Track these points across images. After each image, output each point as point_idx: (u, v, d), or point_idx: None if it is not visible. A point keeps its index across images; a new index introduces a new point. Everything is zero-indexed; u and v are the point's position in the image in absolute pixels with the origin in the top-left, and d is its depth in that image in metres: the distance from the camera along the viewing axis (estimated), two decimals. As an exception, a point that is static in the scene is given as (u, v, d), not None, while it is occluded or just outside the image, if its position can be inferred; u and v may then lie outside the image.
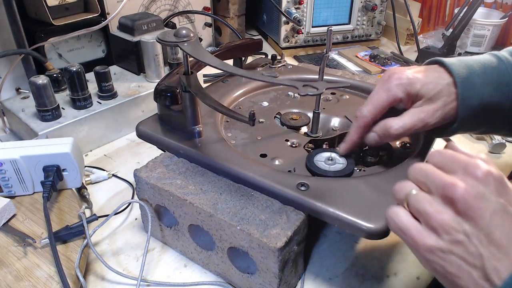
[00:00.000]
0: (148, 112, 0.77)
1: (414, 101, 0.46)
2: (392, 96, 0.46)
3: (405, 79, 0.46)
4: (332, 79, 0.71)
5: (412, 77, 0.46)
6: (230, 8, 1.13)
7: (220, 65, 0.46)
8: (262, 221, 0.43)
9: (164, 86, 0.55)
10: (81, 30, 0.80)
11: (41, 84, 0.65)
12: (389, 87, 0.46)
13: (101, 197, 0.63)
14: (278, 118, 0.62)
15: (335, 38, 1.15)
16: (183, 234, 0.50)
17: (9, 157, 0.54)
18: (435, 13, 1.23)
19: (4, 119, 0.76)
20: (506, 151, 0.73)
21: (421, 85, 0.45)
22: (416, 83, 0.45)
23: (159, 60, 0.80)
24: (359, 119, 0.48)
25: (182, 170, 0.51)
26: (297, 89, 0.42)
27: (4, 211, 0.52)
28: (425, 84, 0.45)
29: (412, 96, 0.46)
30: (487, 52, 0.48)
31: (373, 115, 0.47)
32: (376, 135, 0.48)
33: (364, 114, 0.48)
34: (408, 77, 0.46)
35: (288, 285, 0.46)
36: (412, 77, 0.46)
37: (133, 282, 0.48)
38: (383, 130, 0.47)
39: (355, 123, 0.49)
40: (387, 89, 0.46)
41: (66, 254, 0.49)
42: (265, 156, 0.53)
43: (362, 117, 0.48)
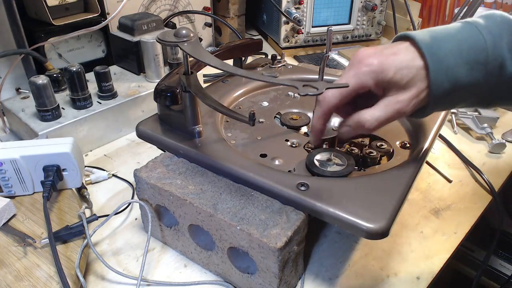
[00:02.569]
0: (148, 112, 0.77)
1: (385, 88, 0.44)
2: (361, 84, 0.43)
3: (376, 65, 0.43)
4: (332, 79, 0.71)
5: (384, 63, 0.42)
6: (230, 8, 1.13)
7: (220, 65, 0.46)
8: (262, 221, 0.43)
9: (164, 86, 0.55)
10: (81, 30, 0.80)
11: (41, 84, 0.65)
12: (358, 73, 0.43)
13: (101, 197, 0.63)
14: (278, 118, 0.62)
15: (335, 38, 1.15)
16: (183, 234, 0.50)
17: (9, 157, 0.54)
18: (435, 13, 1.23)
19: (4, 119, 0.76)
20: (506, 151, 0.73)
21: (394, 72, 0.42)
22: (388, 70, 0.42)
23: (159, 60, 0.80)
24: (322, 104, 0.46)
25: (182, 170, 0.51)
26: (297, 89, 0.42)
27: (4, 211, 0.52)
28: (397, 70, 0.42)
29: (383, 84, 0.43)
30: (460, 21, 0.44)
31: (337, 100, 0.45)
32: (350, 129, 0.46)
33: (328, 100, 0.45)
34: (379, 62, 0.43)
35: (288, 285, 0.46)
36: (384, 62, 0.42)
37: (133, 282, 0.48)
38: (356, 124, 0.45)
39: (317, 109, 0.46)
40: (355, 75, 0.44)
41: (66, 254, 0.49)
42: (265, 156, 0.53)
43: (325, 102, 0.45)
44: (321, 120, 0.47)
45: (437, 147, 0.74)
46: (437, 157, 0.72)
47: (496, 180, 0.66)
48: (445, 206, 0.61)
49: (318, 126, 0.48)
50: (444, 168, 0.69)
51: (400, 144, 0.55)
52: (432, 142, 0.54)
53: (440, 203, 0.62)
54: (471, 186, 0.66)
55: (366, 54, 0.44)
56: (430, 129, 0.56)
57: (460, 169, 0.69)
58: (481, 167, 0.68)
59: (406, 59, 0.42)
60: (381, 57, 0.43)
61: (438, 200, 0.62)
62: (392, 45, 0.44)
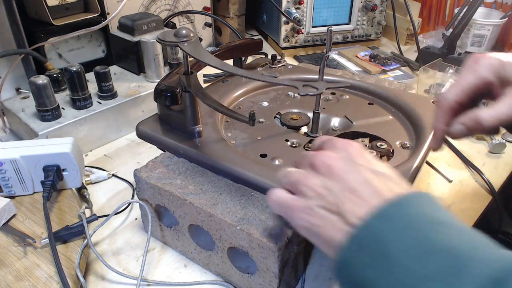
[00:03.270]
0: (148, 112, 0.77)
1: (505, 86, 0.41)
2: (481, 79, 0.41)
3: (496, 61, 0.41)
4: (332, 79, 0.71)
5: (505, 60, 0.41)
6: (230, 8, 1.13)
7: (220, 65, 0.46)
8: (262, 221, 0.43)
9: (164, 86, 0.55)
10: (81, 30, 0.80)
11: (41, 84, 0.65)
12: (478, 68, 0.41)
13: (101, 197, 0.63)
14: (278, 118, 0.62)
15: (335, 38, 1.15)
16: (183, 234, 0.50)
17: (9, 157, 0.54)
18: (435, 13, 1.23)
19: (4, 119, 0.76)
20: (506, 151, 0.73)
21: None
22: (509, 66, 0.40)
23: (159, 60, 0.80)
24: (442, 103, 0.43)
25: (182, 170, 0.51)
26: (297, 89, 0.42)
27: (4, 211, 0.52)
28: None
29: (504, 81, 0.40)
30: None
31: (458, 98, 0.42)
32: (464, 128, 0.42)
33: (448, 97, 0.42)
34: (499, 59, 0.41)
35: (288, 285, 0.46)
36: (505, 60, 0.41)
37: (133, 282, 0.48)
38: (473, 122, 0.41)
39: (437, 109, 0.43)
40: (475, 70, 0.41)
41: (66, 254, 0.49)
42: (265, 156, 0.53)
43: (445, 100, 0.42)
44: (442, 120, 0.43)
45: (437, 147, 0.74)
46: (437, 157, 0.72)
47: (496, 180, 0.66)
48: (445, 206, 0.61)
49: (439, 126, 0.44)
50: (444, 168, 0.69)
51: (400, 144, 0.55)
52: (432, 142, 0.54)
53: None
54: (471, 186, 0.66)
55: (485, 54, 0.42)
56: (430, 129, 0.56)
57: (460, 169, 0.69)
58: (481, 167, 0.68)
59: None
60: (502, 55, 0.41)
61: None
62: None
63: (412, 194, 0.31)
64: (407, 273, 0.26)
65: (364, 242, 0.29)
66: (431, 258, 0.26)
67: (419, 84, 0.91)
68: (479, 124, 0.41)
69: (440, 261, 0.26)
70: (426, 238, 0.27)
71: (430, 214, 0.29)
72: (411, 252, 0.27)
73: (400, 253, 0.27)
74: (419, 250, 0.27)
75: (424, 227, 0.28)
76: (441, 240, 0.27)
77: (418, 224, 0.28)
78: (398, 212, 0.29)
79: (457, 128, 0.42)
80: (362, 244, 0.29)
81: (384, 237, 0.28)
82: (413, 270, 0.26)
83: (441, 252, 0.26)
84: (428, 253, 0.26)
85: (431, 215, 0.29)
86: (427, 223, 0.28)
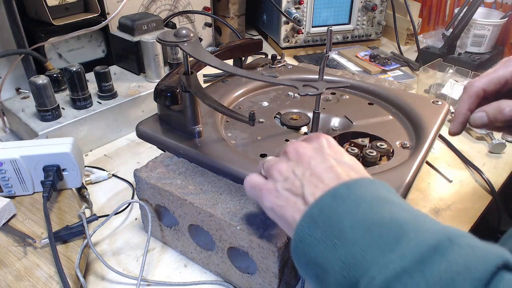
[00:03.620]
0: (148, 112, 0.77)
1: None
2: (510, 72, 0.43)
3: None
4: (332, 79, 0.71)
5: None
6: (230, 8, 1.13)
7: (220, 65, 0.46)
8: (262, 221, 0.43)
9: (164, 86, 0.55)
10: (81, 30, 0.80)
11: (41, 84, 0.65)
12: (508, 64, 0.43)
13: (101, 197, 0.63)
14: (278, 118, 0.62)
15: (335, 38, 1.15)
16: (183, 234, 0.50)
17: (9, 157, 0.54)
18: (435, 13, 1.23)
19: (4, 119, 0.76)
20: (506, 151, 0.73)
21: None
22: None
23: (159, 60, 0.80)
24: (468, 89, 0.44)
25: (182, 170, 0.51)
26: (297, 89, 0.42)
27: (4, 211, 0.52)
28: None
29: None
30: None
31: (485, 86, 0.43)
32: (485, 116, 0.43)
33: (475, 84, 0.44)
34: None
35: (288, 285, 0.46)
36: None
37: (133, 282, 0.48)
38: (494, 110, 0.42)
39: (463, 94, 0.45)
40: (506, 64, 0.43)
41: (66, 254, 0.49)
42: (265, 156, 0.53)
43: (471, 87, 0.44)
44: (466, 105, 0.44)
45: (437, 147, 0.74)
46: (437, 157, 0.72)
47: (496, 180, 0.66)
48: (445, 206, 0.61)
49: (462, 110, 0.45)
50: (444, 168, 0.69)
51: (400, 144, 0.55)
52: (432, 142, 0.54)
53: (440, 203, 0.62)
54: (471, 186, 0.66)
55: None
56: (430, 129, 0.56)
57: (460, 169, 0.69)
58: (481, 167, 0.68)
59: None
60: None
61: (438, 200, 0.62)
62: None
63: (365, 178, 0.33)
64: (354, 245, 0.28)
65: (316, 218, 0.31)
66: (377, 230, 0.28)
67: (419, 84, 0.91)
68: (500, 113, 0.41)
69: (385, 231, 0.28)
70: (374, 213, 0.29)
71: (379, 195, 0.31)
72: (359, 226, 0.29)
73: (349, 228, 0.29)
74: (366, 224, 0.29)
75: (373, 204, 0.30)
76: (388, 215, 0.29)
77: (367, 202, 0.30)
78: (349, 192, 0.31)
79: (479, 115, 0.43)
80: (314, 220, 0.31)
81: (334, 213, 0.30)
82: (360, 241, 0.28)
83: (386, 224, 0.28)
84: (375, 225, 0.28)
85: (380, 196, 0.31)
86: (376, 201, 0.30)
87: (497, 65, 0.45)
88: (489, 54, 1.04)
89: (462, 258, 0.25)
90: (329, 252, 0.29)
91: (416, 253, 0.26)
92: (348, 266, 0.28)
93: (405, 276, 0.25)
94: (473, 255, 0.25)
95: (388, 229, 0.28)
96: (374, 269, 0.26)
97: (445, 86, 0.85)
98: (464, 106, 0.45)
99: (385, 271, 0.26)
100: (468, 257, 0.25)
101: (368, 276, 0.26)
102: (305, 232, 0.31)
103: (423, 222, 0.28)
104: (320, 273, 0.30)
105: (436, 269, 0.24)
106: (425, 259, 0.25)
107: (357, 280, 0.27)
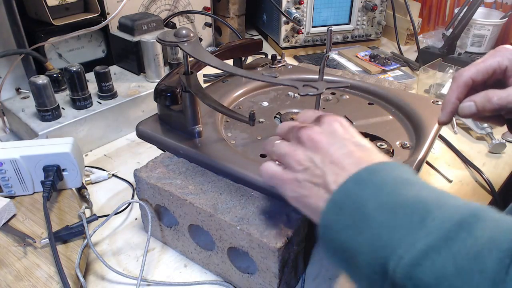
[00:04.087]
0: (148, 112, 0.77)
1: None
2: (497, 62, 0.44)
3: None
4: (332, 79, 0.71)
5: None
6: (230, 8, 1.13)
7: (220, 65, 0.46)
8: (262, 221, 0.43)
9: (164, 86, 0.55)
10: (81, 30, 0.80)
11: (41, 84, 0.65)
12: (496, 54, 0.44)
13: (101, 197, 0.63)
14: (278, 118, 0.62)
15: (335, 38, 1.15)
16: (183, 234, 0.50)
17: (9, 157, 0.54)
18: (435, 13, 1.23)
19: (4, 119, 0.76)
20: (506, 151, 0.73)
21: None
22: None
23: (159, 60, 0.80)
24: (457, 78, 0.45)
25: (182, 170, 0.51)
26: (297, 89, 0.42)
27: (4, 211, 0.52)
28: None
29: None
30: None
31: (473, 75, 0.44)
32: (474, 105, 0.43)
33: (463, 74, 0.45)
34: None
35: (288, 285, 0.46)
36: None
37: (133, 282, 0.48)
38: (483, 99, 0.43)
39: (452, 84, 0.46)
40: (493, 55, 0.44)
41: (66, 254, 0.49)
42: (265, 156, 0.53)
43: (460, 76, 0.45)
44: (455, 94, 0.45)
45: (437, 147, 0.74)
46: (437, 157, 0.72)
47: (496, 180, 0.66)
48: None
49: (450, 99, 0.45)
50: (444, 168, 0.69)
51: (400, 144, 0.55)
52: (432, 142, 0.54)
53: (440, 203, 0.62)
54: (471, 186, 0.66)
55: (509, 46, 0.45)
56: (430, 129, 0.56)
57: (460, 169, 0.69)
58: (481, 167, 0.68)
59: None
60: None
61: (438, 200, 0.62)
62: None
63: (386, 162, 0.33)
64: (380, 227, 0.29)
65: (341, 205, 0.32)
66: (401, 211, 0.29)
67: (419, 84, 0.91)
68: (488, 102, 0.42)
69: (409, 211, 0.28)
70: (398, 195, 0.30)
71: (400, 177, 0.32)
72: (383, 208, 0.29)
73: (373, 211, 0.30)
74: (390, 206, 0.29)
75: (396, 186, 0.31)
76: (411, 195, 0.30)
77: (389, 185, 0.31)
78: (371, 176, 0.32)
79: (467, 104, 0.44)
80: (339, 207, 0.32)
81: (358, 198, 0.31)
82: (386, 223, 0.29)
83: (410, 204, 0.29)
84: (399, 207, 0.29)
85: (402, 177, 0.32)
86: (398, 183, 0.31)
87: (486, 55, 0.46)
88: (489, 54, 1.03)
89: (487, 232, 0.25)
90: (356, 236, 0.30)
91: (441, 230, 0.26)
92: (376, 248, 0.28)
93: (432, 253, 0.25)
94: (497, 228, 0.25)
95: (412, 209, 0.28)
96: (402, 248, 0.27)
97: (445, 86, 0.85)
98: (453, 95, 0.45)
99: (412, 250, 0.26)
100: (493, 230, 0.25)
101: (397, 256, 0.27)
102: (331, 219, 0.32)
103: (446, 199, 0.29)
104: (349, 258, 0.31)
105: (463, 244, 0.25)
106: (451, 235, 0.26)
107: (386, 260, 0.27)
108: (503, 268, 0.23)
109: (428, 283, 0.25)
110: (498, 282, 0.23)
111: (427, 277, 0.25)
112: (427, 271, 0.25)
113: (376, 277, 0.28)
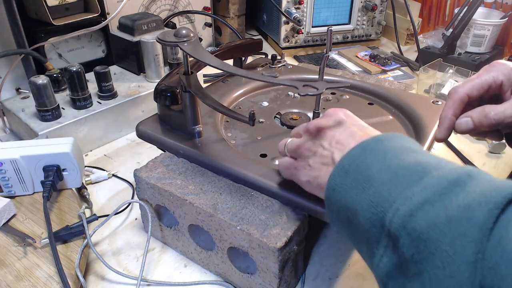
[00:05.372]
0: (148, 112, 0.77)
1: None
2: (492, 77, 0.44)
3: (509, 65, 0.44)
4: (332, 79, 0.71)
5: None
6: (230, 8, 1.13)
7: (220, 65, 0.46)
8: (262, 221, 0.43)
9: (164, 86, 0.55)
10: (81, 30, 0.80)
11: (41, 84, 0.65)
12: (491, 69, 0.44)
13: (101, 197, 0.63)
14: (278, 118, 0.62)
15: (335, 38, 1.15)
16: (183, 234, 0.50)
17: (9, 157, 0.54)
18: (435, 13, 1.23)
19: (4, 119, 0.76)
20: (506, 151, 0.73)
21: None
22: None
23: (159, 60, 0.80)
24: (452, 95, 0.45)
25: (182, 170, 0.51)
26: (297, 89, 0.42)
27: (4, 211, 0.52)
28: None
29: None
30: None
31: (469, 91, 0.44)
32: (471, 120, 0.43)
33: (459, 90, 0.44)
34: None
35: (288, 285, 0.46)
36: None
37: (133, 282, 0.48)
38: (479, 115, 0.43)
39: (448, 100, 0.46)
40: (488, 70, 0.44)
41: (66, 254, 0.49)
42: (265, 156, 0.53)
43: (455, 92, 0.45)
44: (451, 110, 0.45)
45: (437, 147, 0.74)
46: (437, 157, 0.72)
47: (496, 180, 0.66)
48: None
49: (447, 115, 0.45)
50: (444, 168, 0.69)
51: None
52: (432, 142, 0.54)
53: (440, 203, 0.62)
54: (471, 186, 0.66)
55: (503, 61, 0.46)
56: (430, 129, 0.56)
57: (460, 169, 0.69)
58: (481, 167, 0.68)
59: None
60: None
61: (438, 200, 0.62)
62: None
63: (392, 133, 0.36)
64: (382, 186, 0.31)
65: (347, 169, 0.34)
66: (402, 171, 0.31)
67: (419, 84, 0.91)
68: (485, 117, 0.43)
69: (409, 172, 0.30)
70: (400, 160, 0.32)
71: (405, 145, 0.34)
72: (386, 170, 0.32)
73: (376, 173, 0.32)
74: (393, 168, 0.31)
75: (399, 152, 0.33)
76: (413, 160, 0.32)
77: (394, 151, 0.33)
78: (377, 144, 0.34)
79: (464, 120, 0.44)
80: (345, 170, 0.34)
81: (363, 162, 0.33)
82: (387, 182, 0.31)
83: (411, 166, 0.31)
84: (401, 168, 0.31)
85: (406, 146, 0.34)
86: (402, 150, 0.33)
87: (480, 71, 0.46)
88: (489, 54, 1.04)
89: (479, 188, 0.27)
90: (359, 195, 0.32)
91: (437, 187, 0.28)
92: (376, 203, 0.30)
93: (426, 206, 0.27)
94: (489, 185, 0.27)
95: (412, 170, 0.30)
96: (399, 201, 0.29)
97: (445, 86, 0.85)
98: (449, 112, 0.45)
99: (408, 203, 0.28)
100: (485, 187, 0.27)
101: (393, 209, 0.29)
102: (337, 182, 0.34)
103: (445, 164, 0.31)
104: (350, 215, 0.33)
105: (455, 198, 0.27)
106: (445, 191, 0.27)
107: (383, 214, 0.29)
108: (492, 217, 0.25)
109: (420, 231, 0.27)
110: (485, 229, 0.24)
111: (420, 226, 0.27)
112: (420, 221, 0.27)
113: (374, 231, 0.30)
